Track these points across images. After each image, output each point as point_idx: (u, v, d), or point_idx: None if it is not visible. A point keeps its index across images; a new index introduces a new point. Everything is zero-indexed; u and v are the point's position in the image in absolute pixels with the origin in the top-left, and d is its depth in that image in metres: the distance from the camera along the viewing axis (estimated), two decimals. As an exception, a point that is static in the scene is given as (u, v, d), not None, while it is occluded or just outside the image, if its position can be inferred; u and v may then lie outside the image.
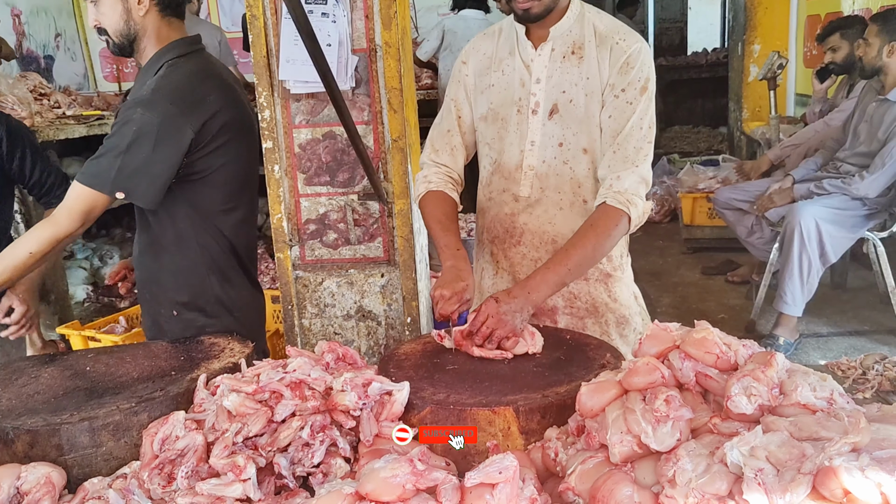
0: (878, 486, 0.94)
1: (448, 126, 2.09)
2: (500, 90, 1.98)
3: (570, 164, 1.96)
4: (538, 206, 2.01)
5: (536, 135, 1.95)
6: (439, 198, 2.05)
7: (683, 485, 1.04)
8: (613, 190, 1.84)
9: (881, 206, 3.99)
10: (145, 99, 1.93)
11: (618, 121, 1.88)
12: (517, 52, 1.97)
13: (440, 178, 2.07)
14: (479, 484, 1.06)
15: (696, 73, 10.42)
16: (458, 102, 2.07)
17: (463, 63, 2.07)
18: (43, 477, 1.31)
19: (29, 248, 1.91)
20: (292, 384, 1.41)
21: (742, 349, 1.28)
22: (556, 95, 1.93)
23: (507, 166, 2.01)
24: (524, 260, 2.06)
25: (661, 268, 5.66)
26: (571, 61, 1.92)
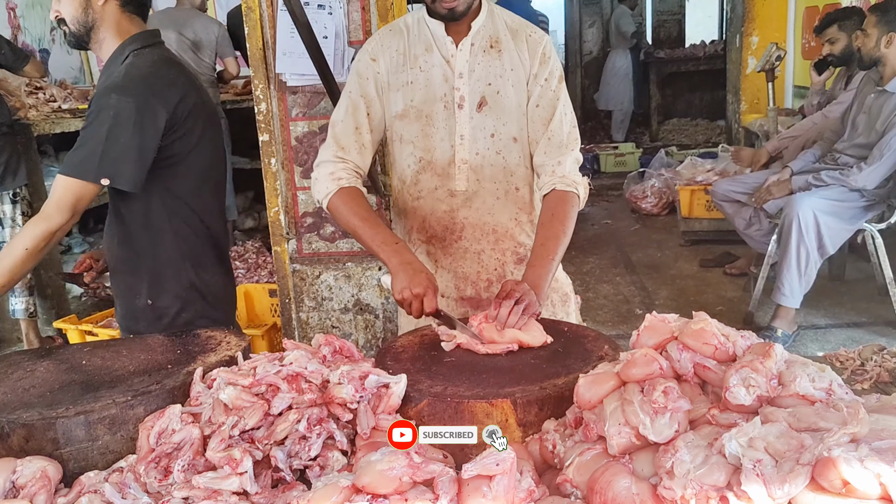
0: (877, 476, 0.94)
1: (356, 124, 1.98)
2: (420, 87, 1.97)
3: (502, 154, 2.00)
4: (476, 199, 2.02)
5: (465, 128, 1.97)
6: (354, 194, 1.94)
7: (681, 476, 1.04)
8: (558, 175, 1.94)
9: (879, 197, 3.98)
10: (119, 84, 1.96)
11: (546, 109, 1.97)
12: (435, 49, 1.97)
13: (349, 174, 1.95)
14: (477, 476, 1.06)
15: (695, 66, 10.41)
16: (369, 99, 1.99)
17: (372, 60, 1.99)
18: (39, 471, 1.30)
19: (24, 244, 1.92)
20: (289, 377, 1.40)
21: (741, 340, 1.27)
22: (483, 88, 1.96)
23: (438, 163, 2.00)
24: (466, 254, 2.07)
25: (659, 260, 5.66)
26: (492, 55, 1.96)
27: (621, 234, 6.48)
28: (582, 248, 5.96)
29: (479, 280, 2.08)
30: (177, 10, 5.49)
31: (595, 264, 5.64)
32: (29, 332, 4.22)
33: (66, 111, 4.63)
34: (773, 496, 0.97)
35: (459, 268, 2.08)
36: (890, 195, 4.00)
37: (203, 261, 2.21)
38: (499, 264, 2.08)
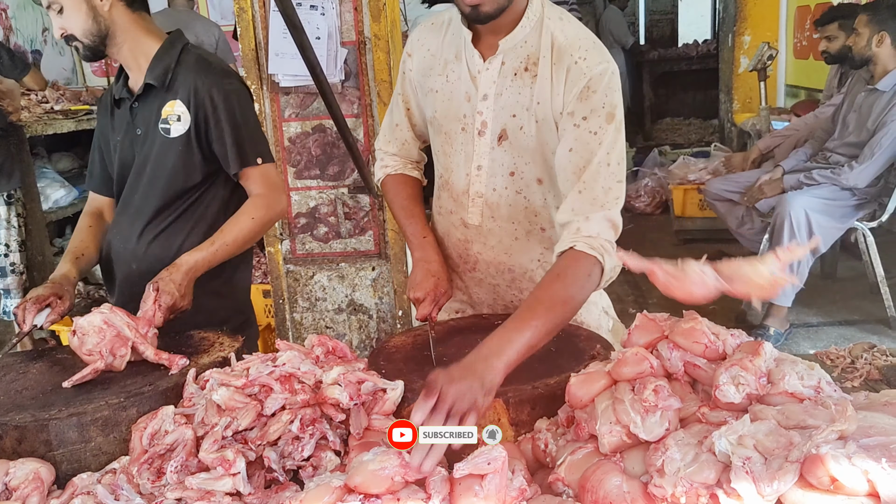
0: (865, 473, 0.95)
1: (397, 120, 1.91)
2: (443, 99, 1.74)
3: (523, 194, 1.72)
4: (491, 237, 1.79)
5: (484, 159, 1.70)
6: (399, 181, 1.91)
7: (672, 474, 1.05)
8: (583, 234, 1.53)
9: (870, 196, 4.01)
10: (226, 69, 2.10)
11: (581, 155, 1.56)
12: (464, 59, 1.69)
13: (396, 161, 1.93)
14: (468, 475, 1.07)
15: (687, 65, 10.43)
16: (407, 97, 1.87)
17: (408, 55, 1.83)
18: (31, 473, 1.30)
19: (250, 213, 2.00)
20: (282, 378, 1.40)
21: (730, 339, 1.28)
22: (506, 119, 1.65)
23: (454, 188, 1.79)
24: (481, 284, 1.89)
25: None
26: (524, 80, 1.62)
27: (615, 234, 6.48)
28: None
29: (496, 306, 1.91)
30: (174, 11, 5.45)
31: (589, 263, 5.63)
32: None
33: (59, 112, 4.62)
34: (762, 493, 0.98)
35: (475, 294, 1.92)
36: (881, 193, 4.02)
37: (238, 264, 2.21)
38: (517, 300, 1.83)
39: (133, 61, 2.03)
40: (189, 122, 1.99)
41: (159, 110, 2.01)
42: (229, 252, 1.96)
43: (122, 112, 2.08)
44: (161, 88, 2.00)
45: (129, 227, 2.08)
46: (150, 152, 2.03)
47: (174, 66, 2.01)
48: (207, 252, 1.91)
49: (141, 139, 2.04)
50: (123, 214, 2.10)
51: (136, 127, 2.04)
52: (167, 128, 2.00)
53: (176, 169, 2.02)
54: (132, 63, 2.03)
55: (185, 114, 1.99)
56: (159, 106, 2.01)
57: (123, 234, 2.09)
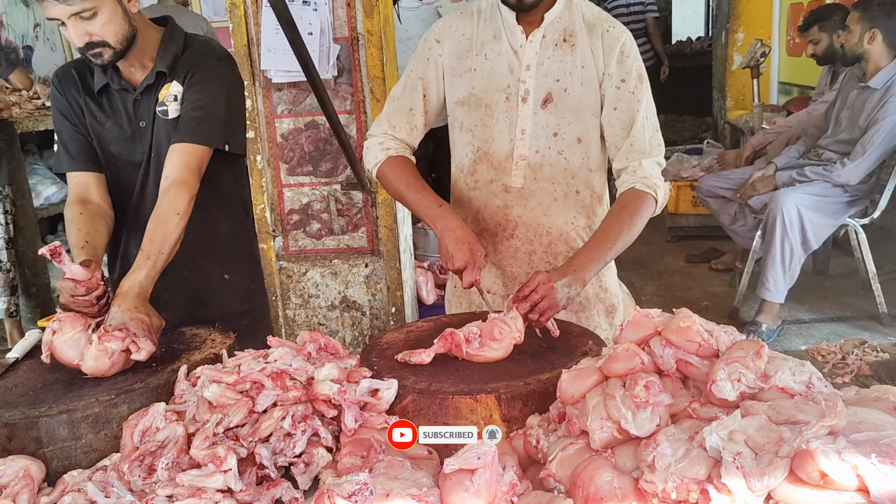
0: (855, 468, 0.95)
1: (411, 104, 1.98)
2: (483, 75, 1.90)
3: (564, 155, 1.91)
4: (532, 198, 1.94)
5: (527, 123, 1.89)
6: (402, 162, 1.96)
7: (663, 469, 1.05)
8: (639, 175, 1.85)
9: (862, 192, 4.02)
10: (223, 55, 2.07)
11: (626, 113, 1.86)
12: (504, 37, 1.89)
13: (398, 144, 1.98)
14: (458, 470, 1.07)
15: (681, 62, 10.40)
16: (427, 81, 1.97)
17: (437, 42, 1.96)
18: (21, 470, 1.30)
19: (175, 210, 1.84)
20: (273, 374, 1.40)
21: (724, 336, 1.28)
22: (550, 84, 1.87)
23: (496, 156, 1.94)
24: (517, 254, 2.00)
25: (645, 256, 5.69)
26: (564, 49, 1.86)
27: (608, 230, 6.49)
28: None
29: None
30: (161, 6, 5.45)
31: (582, 260, 5.65)
32: (13, 331, 4.19)
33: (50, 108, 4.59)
34: (752, 488, 0.98)
35: (508, 267, 2.02)
36: (873, 190, 4.04)
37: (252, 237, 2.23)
38: (549, 268, 1.95)
39: (137, 56, 2.00)
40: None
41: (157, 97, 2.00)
42: (166, 259, 1.82)
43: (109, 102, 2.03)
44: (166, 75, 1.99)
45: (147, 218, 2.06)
46: (158, 140, 2.01)
47: (180, 54, 2.02)
48: (147, 268, 1.75)
49: (146, 132, 2.02)
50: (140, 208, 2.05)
51: (139, 119, 2.02)
52: (164, 109, 1.99)
53: None
54: (135, 58, 2.00)
55: (180, 92, 1.99)
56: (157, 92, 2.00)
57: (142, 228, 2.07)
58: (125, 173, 2.07)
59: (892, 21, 3.87)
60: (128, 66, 2.01)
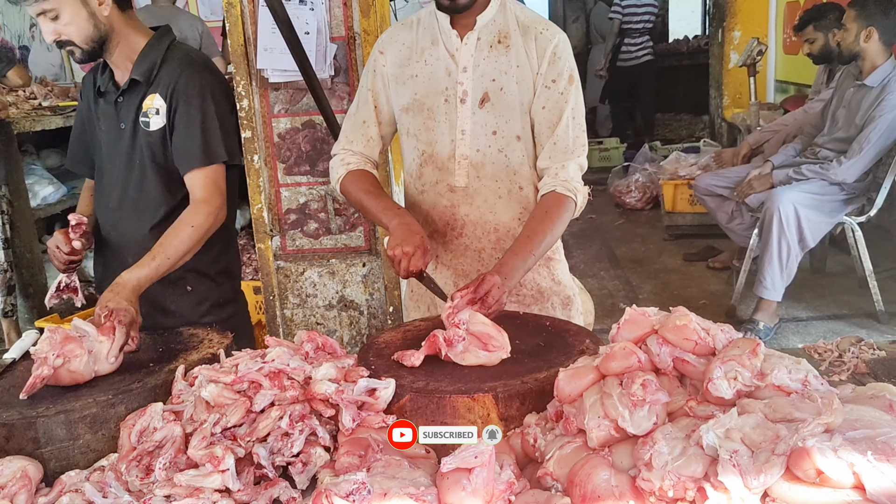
0: (851, 465, 0.95)
1: (364, 117, 2.04)
2: (424, 80, 1.95)
3: (504, 152, 1.95)
4: (477, 196, 1.99)
5: (466, 123, 1.94)
6: (362, 174, 2.02)
7: (660, 468, 1.05)
8: (560, 178, 1.90)
9: (859, 190, 4.03)
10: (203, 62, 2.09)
11: (553, 112, 1.91)
12: (441, 42, 1.94)
13: (357, 158, 2.04)
14: (456, 469, 1.07)
15: (678, 61, 10.44)
16: (376, 92, 2.03)
17: (380, 53, 2.03)
18: (19, 470, 1.30)
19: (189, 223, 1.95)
20: (271, 374, 1.40)
21: (720, 334, 1.28)
22: (486, 84, 1.92)
23: (439, 157, 1.98)
24: (467, 251, 2.04)
25: (643, 255, 5.70)
26: (499, 50, 1.91)
27: (606, 229, 6.51)
28: (566, 242, 5.93)
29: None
30: (157, 7, 5.43)
31: (579, 259, 5.66)
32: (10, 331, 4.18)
33: (47, 109, 4.58)
34: (749, 486, 0.99)
35: (459, 265, 2.06)
36: (869, 189, 4.05)
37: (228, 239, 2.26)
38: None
39: (121, 60, 2.05)
40: (165, 115, 2.01)
41: (140, 105, 2.03)
42: (171, 265, 1.91)
43: (105, 103, 2.09)
44: (144, 84, 2.01)
45: (126, 221, 2.10)
46: (134, 146, 2.04)
47: (160, 63, 2.03)
48: (149, 268, 1.84)
49: (126, 133, 2.06)
50: (119, 209, 2.10)
51: (119, 121, 2.06)
52: (146, 121, 2.02)
53: (163, 162, 2.04)
54: (120, 61, 2.05)
55: (163, 107, 2.01)
56: (141, 100, 2.03)
57: (119, 229, 2.09)
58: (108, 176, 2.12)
59: (888, 19, 3.87)
60: (115, 68, 2.08)
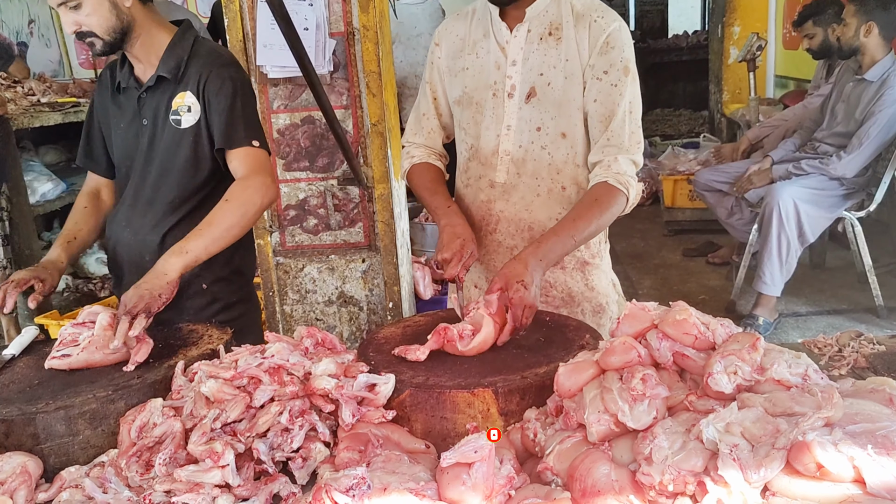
0: (851, 459, 0.95)
1: (424, 110, 2.08)
2: (474, 73, 1.94)
3: (548, 150, 1.91)
4: (514, 193, 1.96)
5: (513, 119, 1.90)
6: (424, 168, 2.05)
7: (660, 462, 1.05)
8: (612, 171, 1.82)
9: (858, 185, 4.03)
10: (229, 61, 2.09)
11: (606, 105, 1.83)
12: (492, 34, 1.91)
13: (421, 151, 2.07)
14: (456, 464, 1.07)
15: (677, 56, 10.44)
16: (433, 85, 2.05)
17: (436, 45, 2.04)
18: (19, 466, 1.30)
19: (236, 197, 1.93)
20: (271, 369, 1.40)
21: (720, 328, 1.28)
22: (534, 78, 1.87)
23: (483, 152, 1.97)
24: (500, 248, 2.02)
25: (642, 250, 5.69)
26: (549, 42, 1.86)
27: (605, 225, 6.50)
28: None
29: None
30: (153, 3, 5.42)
31: (579, 255, 5.66)
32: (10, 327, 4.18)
33: (45, 105, 4.57)
34: (749, 480, 0.99)
35: (491, 261, 2.03)
36: (869, 183, 4.04)
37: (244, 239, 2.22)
38: None
39: (144, 54, 2.02)
40: (199, 112, 2.00)
41: (169, 102, 2.01)
42: (221, 246, 1.87)
43: (125, 99, 2.07)
44: (172, 80, 2.00)
45: (141, 218, 2.07)
46: (159, 144, 2.02)
47: (187, 59, 2.02)
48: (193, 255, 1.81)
49: (147, 130, 2.03)
50: (134, 206, 2.08)
51: (142, 117, 2.04)
52: (178, 119, 2.00)
53: (189, 161, 2.03)
54: (142, 55, 2.03)
55: (195, 104, 2.00)
56: (169, 97, 2.01)
57: (134, 226, 2.08)
58: (127, 171, 2.09)
59: (887, 14, 3.87)
60: (137, 63, 2.05)
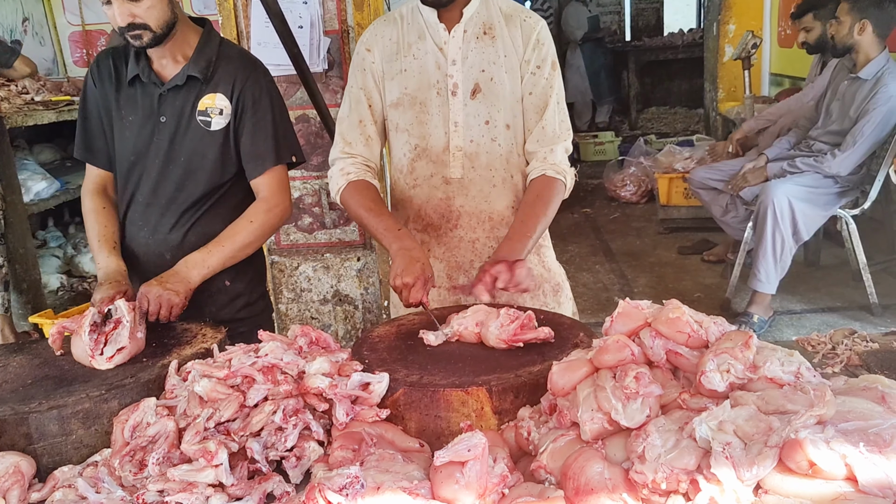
0: (843, 457, 0.95)
1: (360, 117, 2.03)
2: (414, 74, 1.97)
3: (497, 142, 1.99)
4: (472, 186, 2.01)
5: (459, 115, 1.96)
6: (362, 186, 2.00)
7: (653, 460, 1.05)
8: (549, 162, 1.96)
9: (853, 183, 4.03)
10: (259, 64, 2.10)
11: (540, 98, 1.97)
12: (428, 36, 1.97)
13: (357, 167, 2.02)
14: (449, 462, 1.07)
15: (673, 54, 10.45)
16: (368, 91, 2.03)
17: (367, 51, 2.03)
18: (11, 466, 1.29)
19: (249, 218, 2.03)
20: (264, 369, 1.40)
21: (713, 326, 1.28)
22: (476, 75, 1.95)
23: (433, 150, 2.00)
24: (461, 243, 2.06)
25: (637, 248, 5.70)
26: (485, 41, 1.95)
27: (601, 223, 6.52)
28: (562, 236, 5.98)
29: (472, 268, 2.06)
30: None
31: (575, 252, 5.67)
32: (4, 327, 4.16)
33: (39, 103, 4.55)
34: (741, 478, 0.99)
35: (453, 257, 2.07)
36: (863, 181, 4.05)
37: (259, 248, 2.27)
38: (493, 252, 2.01)
39: (171, 51, 2.01)
40: (230, 115, 2.01)
41: (195, 101, 2.00)
42: (230, 256, 1.99)
43: (139, 94, 2.03)
44: (201, 80, 2.00)
45: (160, 217, 2.07)
46: (182, 143, 2.01)
47: (215, 60, 2.02)
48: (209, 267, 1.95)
49: (167, 128, 2.01)
50: (151, 205, 2.07)
51: (160, 114, 2.01)
52: (207, 120, 2.00)
53: (217, 162, 2.03)
54: (169, 52, 2.01)
55: (227, 108, 2.01)
56: (196, 97, 2.00)
57: (152, 225, 2.07)
58: (140, 169, 2.06)
59: (881, 12, 3.87)
60: (159, 59, 2.02)
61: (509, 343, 1.51)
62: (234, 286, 2.15)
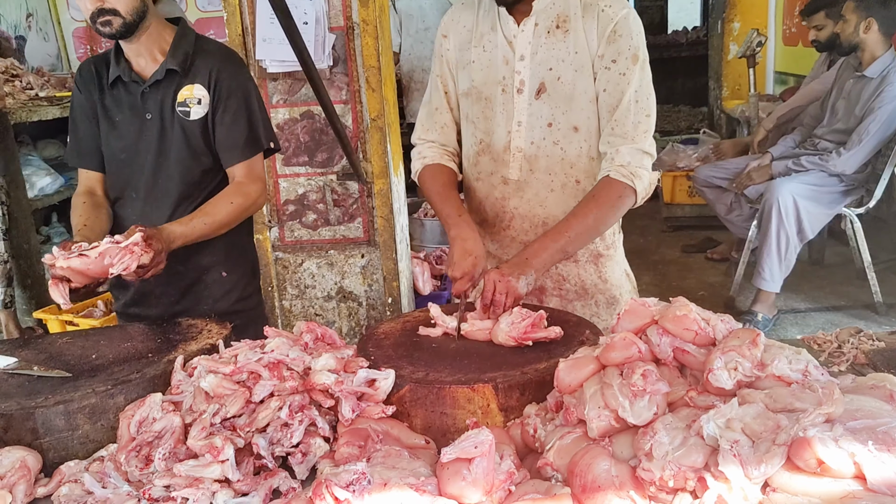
0: (852, 455, 0.95)
1: (436, 104, 2.03)
2: (481, 67, 1.91)
3: (560, 145, 1.89)
4: (528, 189, 1.94)
5: (523, 115, 1.88)
6: (435, 170, 2.00)
7: (660, 458, 1.05)
8: (616, 163, 1.80)
9: (858, 182, 4.03)
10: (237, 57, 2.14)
11: (612, 94, 1.81)
12: (499, 28, 1.88)
13: (434, 151, 2.03)
14: (456, 459, 1.07)
15: (677, 52, 10.43)
16: (444, 78, 2.02)
17: (444, 37, 2.00)
18: (18, 461, 1.29)
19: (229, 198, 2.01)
20: (270, 364, 1.40)
21: (720, 324, 1.28)
22: (543, 73, 1.84)
23: (495, 148, 1.95)
24: (513, 244, 2.02)
25: (641, 246, 5.69)
26: (557, 36, 1.83)
27: (604, 221, 6.50)
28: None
29: None
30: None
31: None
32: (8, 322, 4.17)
33: (44, 99, 4.56)
34: (749, 476, 0.99)
35: (505, 255, 2.01)
36: (868, 180, 4.04)
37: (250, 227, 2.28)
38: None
39: (147, 47, 2.03)
40: (208, 105, 2.03)
41: (175, 94, 2.02)
42: (206, 232, 1.96)
43: (122, 94, 2.06)
44: (180, 73, 2.02)
45: (156, 210, 2.07)
46: (170, 137, 2.03)
47: (192, 53, 2.04)
48: (187, 227, 1.91)
49: (154, 124, 2.04)
50: (147, 200, 2.08)
51: (145, 112, 2.04)
52: (186, 111, 2.02)
53: (199, 150, 2.05)
54: (146, 49, 2.03)
55: (205, 97, 2.03)
56: (175, 90, 2.02)
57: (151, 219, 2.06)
58: (132, 166, 2.08)
59: (887, 10, 3.86)
60: (137, 57, 2.04)
61: (518, 341, 1.51)
62: (230, 278, 2.17)
